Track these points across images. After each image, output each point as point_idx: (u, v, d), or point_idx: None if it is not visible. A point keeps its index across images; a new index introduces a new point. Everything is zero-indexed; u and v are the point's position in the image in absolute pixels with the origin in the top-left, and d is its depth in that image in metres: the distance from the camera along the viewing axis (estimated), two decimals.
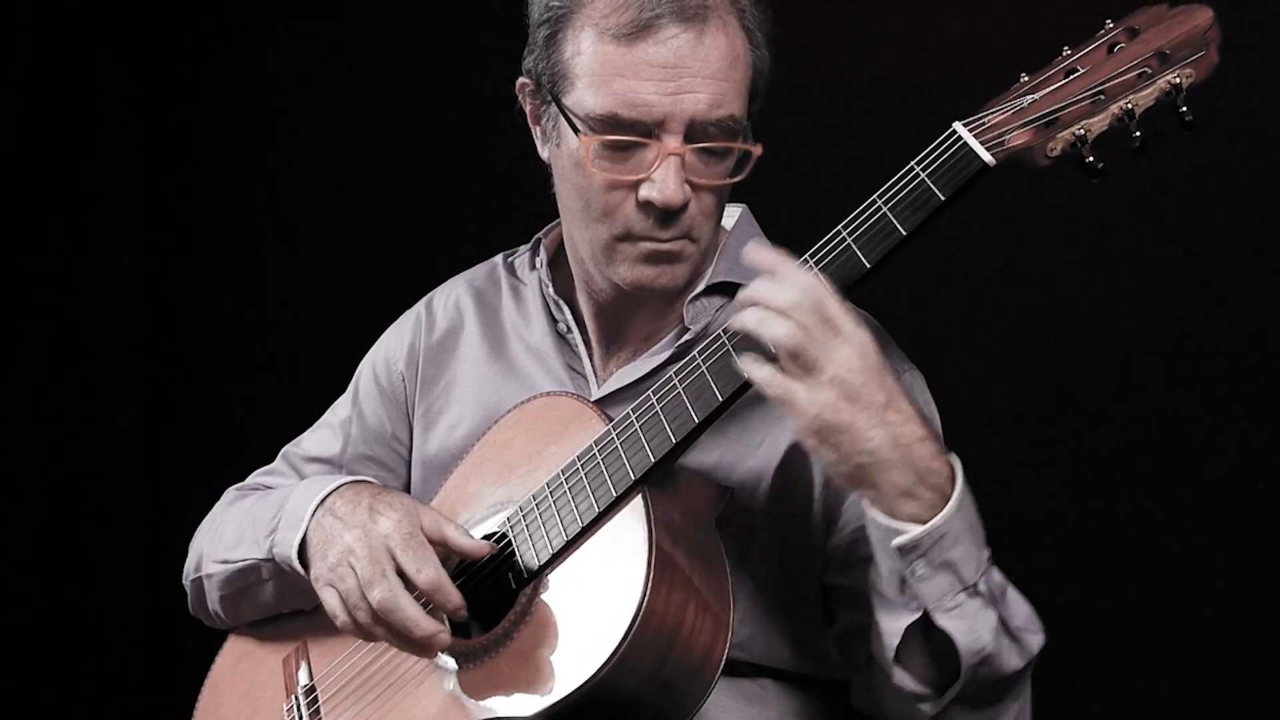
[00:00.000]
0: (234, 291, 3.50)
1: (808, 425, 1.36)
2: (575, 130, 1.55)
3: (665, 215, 1.54)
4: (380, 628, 1.54)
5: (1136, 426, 2.48)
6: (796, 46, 2.56)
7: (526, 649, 1.50)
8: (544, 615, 1.51)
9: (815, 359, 1.35)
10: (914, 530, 1.35)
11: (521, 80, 1.66)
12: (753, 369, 1.39)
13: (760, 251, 1.42)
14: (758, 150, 1.57)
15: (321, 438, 1.93)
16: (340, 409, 1.94)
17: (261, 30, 3.43)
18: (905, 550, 1.36)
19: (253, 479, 1.96)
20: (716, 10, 1.53)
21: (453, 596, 1.53)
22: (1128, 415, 2.49)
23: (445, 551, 1.58)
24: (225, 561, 1.80)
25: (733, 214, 1.74)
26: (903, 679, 1.44)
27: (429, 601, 1.53)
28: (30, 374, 3.37)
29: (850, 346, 1.35)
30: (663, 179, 1.52)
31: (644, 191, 1.53)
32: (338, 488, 1.66)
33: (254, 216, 3.48)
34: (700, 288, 1.65)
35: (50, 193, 3.39)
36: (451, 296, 1.87)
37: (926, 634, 1.41)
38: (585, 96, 1.54)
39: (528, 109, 1.67)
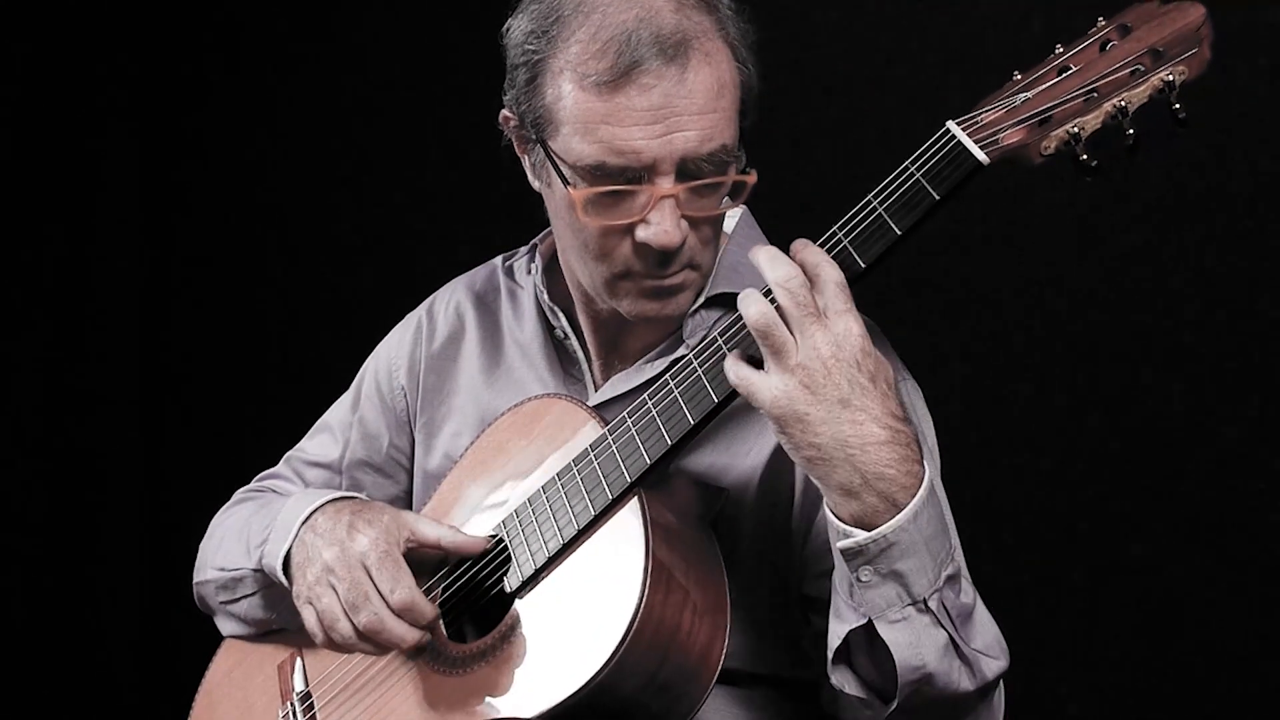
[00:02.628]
0: (235, 291, 3.51)
1: (767, 410, 1.36)
2: (565, 181, 1.52)
3: (664, 256, 1.52)
4: (365, 644, 1.57)
5: (1135, 428, 2.48)
6: (791, 47, 2.58)
7: (524, 652, 1.50)
8: (541, 619, 1.51)
9: (782, 342, 1.35)
10: (859, 535, 1.34)
11: (505, 114, 1.62)
12: (726, 361, 1.40)
13: (763, 250, 1.41)
14: (752, 178, 1.54)
15: (322, 442, 1.93)
16: (341, 412, 1.93)
17: (263, 30, 3.44)
18: (849, 554, 1.36)
19: (256, 482, 1.96)
20: (697, 38, 1.48)
21: (426, 613, 1.55)
22: (1124, 416, 2.49)
23: (440, 553, 1.60)
24: (221, 569, 1.81)
25: (732, 216, 1.72)
26: (841, 680, 1.44)
27: (404, 619, 1.55)
28: (31, 375, 3.37)
29: (826, 335, 1.34)
30: (658, 222, 1.49)
31: (640, 234, 1.50)
32: (324, 504, 1.68)
33: (256, 216, 3.48)
34: (700, 301, 1.64)
35: (51, 194, 3.40)
36: (452, 301, 1.87)
37: (872, 641, 1.40)
38: (572, 143, 1.50)
39: (514, 141, 1.64)
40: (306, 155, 3.38)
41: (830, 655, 1.42)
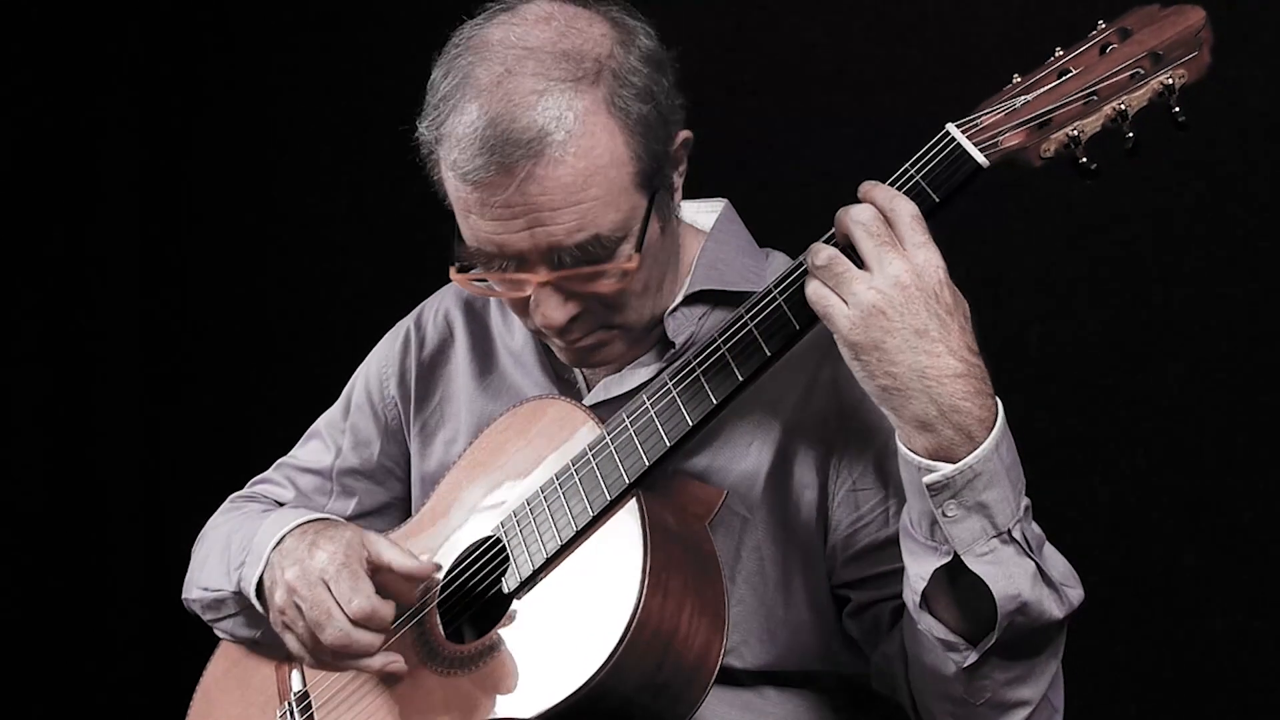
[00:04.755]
0: (234, 293, 3.50)
1: (844, 336, 1.36)
2: (453, 258, 1.53)
3: (561, 329, 1.52)
4: (339, 661, 1.57)
5: (1134, 427, 2.48)
6: (790, 48, 2.58)
7: (522, 653, 1.50)
8: (539, 620, 1.51)
9: (846, 269, 1.35)
10: (946, 468, 1.33)
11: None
12: (808, 284, 1.40)
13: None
14: (633, 265, 1.48)
15: (313, 449, 1.93)
16: (333, 419, 1.93)
17: (263, 34, 3.43)
18: (935, 489, 1.34)
19: (249, 488, 1.96)
20: (556, 131, 1.41)
21: (387, 617, 1.56)
22: (1123, 416, 2.50)
23: (392, 577, 1.60)
24: (205, 589, 1.82)
25: (714, 210, 1.71)
26: (930, 625, 1.41)
27: (365, 628, 1.55)
28: (30, 376, 3.37)
29: (905, 263, 1.34)
30: (539, 306, 1.50)
31: (530, 312, 1.52)
32: (294, 527, 1.68)
33: (256, 219, 3.48)
34: (679, 299, 1.63)
35: (51, 194, 3.39)
36: (441, 309, 1.87)
37: (956, 580, 1.39)
38: (459, 223, 1.52)
39: None
40: (306, 158, 3.38)
41: (918, 600, 1.41)
